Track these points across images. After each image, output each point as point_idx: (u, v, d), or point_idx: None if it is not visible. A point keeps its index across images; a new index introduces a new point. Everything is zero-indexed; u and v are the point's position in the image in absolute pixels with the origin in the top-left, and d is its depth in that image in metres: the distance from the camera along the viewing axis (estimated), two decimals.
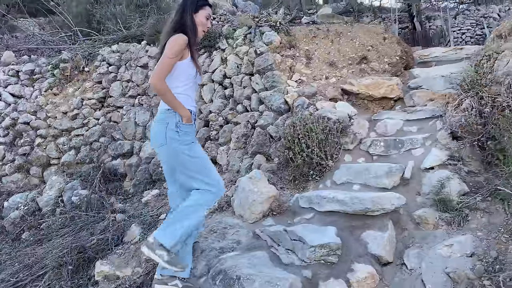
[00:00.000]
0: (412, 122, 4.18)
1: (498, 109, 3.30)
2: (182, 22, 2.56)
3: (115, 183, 6.00)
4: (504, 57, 3.62)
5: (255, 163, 4.39)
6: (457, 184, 3.17)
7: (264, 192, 3.65)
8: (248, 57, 5.39)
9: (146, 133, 6.05)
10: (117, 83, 6.58)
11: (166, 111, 2.54)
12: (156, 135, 2.56)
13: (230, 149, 4.93)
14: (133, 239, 4.12)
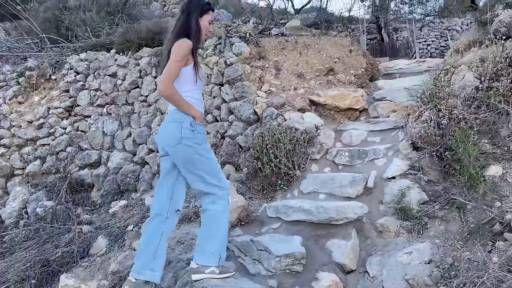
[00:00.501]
0: (376, 133, 4.33)
1: (454, 121, 3.46)
2: (187, 25, 2.59)
3: (82, 193, 5.88)
4: (460, 72, 3.81)
5: (225, 173, 4.41)
6: (417, 193, 3.30)
7: (233, 202, 3.66)
8: (218, 67, 5.44)
9: (115, 143, 5.98)
10: (85, 92, 6.47)
11: (178, 111, 2.58)
12: (170, 134, 2.58)
13: None
14: (99, 251, 4.05)
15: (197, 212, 3.94)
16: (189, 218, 3.97)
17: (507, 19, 3.75)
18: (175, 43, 2.51)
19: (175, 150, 2.58)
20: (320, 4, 13.76)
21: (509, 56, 3.65)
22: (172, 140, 2.56)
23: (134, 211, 4.65)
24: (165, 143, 2.64)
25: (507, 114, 3.43)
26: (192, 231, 3.64)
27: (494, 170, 3.14)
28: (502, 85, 3.49)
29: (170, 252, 3.38)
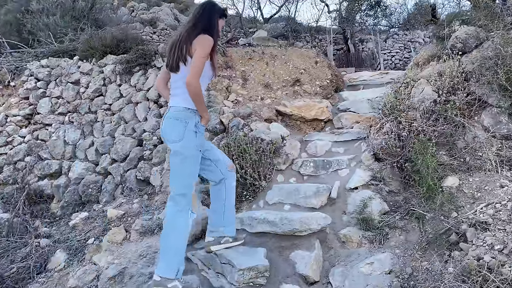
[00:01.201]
0: (340, 144, 4.40)
1: (414, 133, 3.56)
2: (210, 23, 2.75)
3: (41, 205, 5.65)
4: (420, 85, 3.94)
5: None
6: (379, 203, 3.36)
7: (197, 214, 3.63)
8: None
9: (77, 152, 5.80)
10: (45, 99, 6.26)
11: (186, 110, 2.70)
12: (173, 131, 2.70)
13: (164, 169, 4.85)
14: (57, 266, 3.88)
15: (160, 225, 3.86)
16: (152, 231, 3.89)
17: (463, 36, 3.91)
18: (199, 38, 2.63)
19: (174, 145, 2.72)
20: (288, 14, 13.94)
21: (465, 71, 3.80)
22: (175, 137, 2.70)
23: (95, 223, 4.50)
24: (168, 138, 2.75)
25: (463, 126, 3.56)
26: (155, 244, 3.56)
27: (451, 181, 3.24)
28: (459, 99, 3.63)
29: (132, 266, 3.31)
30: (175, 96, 2.78)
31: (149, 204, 4.52)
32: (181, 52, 2.65)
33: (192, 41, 2.63)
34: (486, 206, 2.83)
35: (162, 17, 12.69)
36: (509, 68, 3.38)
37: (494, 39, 3.74)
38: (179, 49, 2.66)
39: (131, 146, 5.34)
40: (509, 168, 3.16)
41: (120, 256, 3.56)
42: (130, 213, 4.45)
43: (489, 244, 2.44)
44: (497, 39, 3.69)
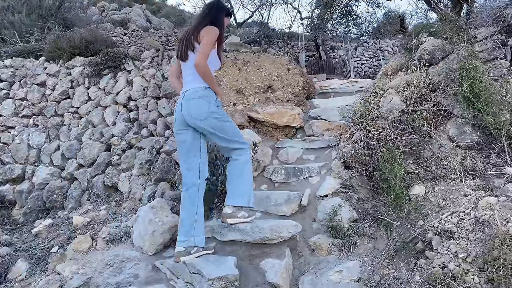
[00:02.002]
0: (311, 151, 4.43)
1: (382, 142, 3.63)
2: (218, 20, 3.09)
3: (2, 211, 5.41)
4: (388, 95, 4.03)
5: (159, 190, 4.28)
6: (348, 211, 3.40)
7: (166, 221, 3.56)
8: (155, 80, 5.31)
9: (41, 157, 5.59)
10: (9, 101, 6.01)
11: (204, 88, 3.00)
12: (200, 109, 2.95)
13: (132, 175, 4.74)
14: (18, 276, 3.71)
15: (128, 233, 3.77)
16: (119, 239, 3.79)
17: (430, 48, 4.04)
18: (206, 28, 2.95)
19: (204, 123, 2.97)
20: (261, 19, 14.02)
21: (431, 82, 3.92)
22: (200, 115, 2.94)
23: (60, 230, 4.34)
24: (192, 118, 2.97)
25: (429, 136, 3.66)
26: (122, 253, 3.46)
27: (418, 189, 3.32)
28: (426, 109, 3.73)
29: (97, 276, 3.20)
30: (188, 82, 3.07)
31: (116, 211, 4.41)
32: (189, 42, 2.99)
33: (199, 31, 2.96)
34: (451, 214, 2.91)
35: (133, 18, 12.48)
36: (473, 81, 3.50)
37: (459, 52, 3.88)
38: (187, 40, 3.01)
39: (99, 150, 5.20)
40: (472, 177, 3.27)
41: (85, 265, 3.44)
42: (96, 220, 4.32)
43: (454, 253, 2.50)
44: (462, 52, 3.82)
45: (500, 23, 3.93)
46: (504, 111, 3.39)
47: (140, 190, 4.52)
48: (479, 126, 3.55)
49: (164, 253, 3.42)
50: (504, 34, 3.92)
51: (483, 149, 3.52)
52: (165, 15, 16.09)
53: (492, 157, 3.40)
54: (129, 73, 5.64)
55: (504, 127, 3.34)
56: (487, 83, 3.52)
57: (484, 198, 2.85)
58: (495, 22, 3.98)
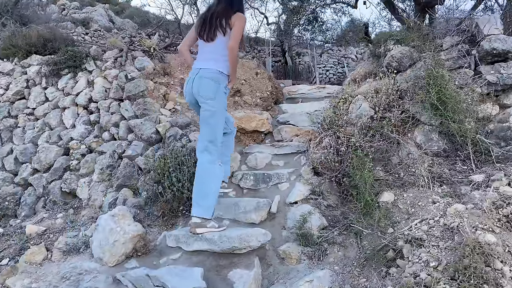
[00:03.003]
0: (280, 157, 4.35)
1: (352, 149, 3.60)
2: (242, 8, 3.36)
3: None
4: (357, 101, 4.02)
5: (121, 197, 4.06)
6: (318, 218, 3.34)
7: (128, 231, 3.37)
8: (118, 81, 5.07)
9: None
10: None
11: (220, 73, 3.21)
12: (208, 90, 3.17)
13: (92, 181, 4.48)
14: None
15: (87, 243, 3.54)
16: (77, 249, 3.55)
17: (398, 55, 4.07)
18: (238, 15, 3.17)
19: (206, 103, 3.19)
20: None
21: (399, 89, 3.95)
22: (207, 95, 3.18)
23: (11, 241, 4.01)
24: (198, 95, 3.22)
25: (398, 143, 3.67)
26: (80, 264, 3.23)
27: (387, 196, 3.31)
28: (394, 116, 3.74)
29: None
30: (208, 60, 3.24)
31: (75, 220, 4.14)
32: (220, 24, 3.16)
33: (230, 16, 3.15)
34: (420, 222, 2.90)
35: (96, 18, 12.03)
36: (440, 89, 3.55)
37: (426, 60, 3.92)
38: (218, 21, 3.16)
39: (56, 155, 4.89)
40: (440, 184, 3.29)
41: (39, 279, 3.20)
42: (52, 229, 4.04)
43: (425, 261, 2.47)
44: (428, 60, 3.87)
45: (464, 32, 4.01)
46: (470, 119, 3.45)
47: (101, 197, 4.28)
48: (446, 133, 3.59)
49: (126, 265, 3.23)
50: (468, 44, 4.00)
51: (449, 156, 3.56)
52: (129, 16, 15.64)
53: (459, 164, 3.45)
54: (90, 73, 5.37)
55: (470, 135, 3.40)
56: (453, 91, 3.58)
57: (453, 206, 2.86)
58: (459, 32, 4.06)
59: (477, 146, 3.41)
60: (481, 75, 3.74)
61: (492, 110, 3.64)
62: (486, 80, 3.65)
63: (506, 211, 2.65)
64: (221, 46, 3.19)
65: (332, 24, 11.73)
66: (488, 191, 2.91)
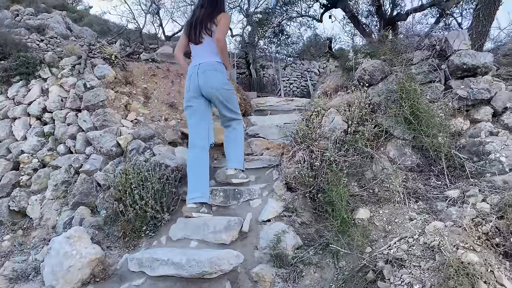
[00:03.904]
0: (251, 171, 4.16)
1: (326, 163, 3.47)
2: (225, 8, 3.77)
3: None
4: (330, 114, 3.92)
5: (77, 216, 3.71)
6: (292, 237, 3.17)
7: (85, 254, 3.05)
8: (75, 90, 4.73)
9: None
10: None
11: (219, 63, 3.62)
12: (218, 80, 3.58)
13: (45, 198, 4.09)
14: None
15: (38, 268, 3.19)
16: (26, 276, 3.21)
17: (370, 68, 4.02)
18: (223, 14, 3.59)
19: (218, 92, 3.60)
20: None
21: (372, 102, 3.89)
22: (217, 85, 3.58)
23: None
24: (209, 87, 3.56)
25: (371, 157, 3.58)
26: None
27: (363, 213, 3.19)
28: (367, 130, 3.66)
29: None
30: (202, 56, 3.61)
31: (24, 242, 3.75)
32: (206, 28, 3.55)
33: (215, 17, 3.54)
34: (399, 240, 2.79)
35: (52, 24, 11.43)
36: (413, 103, 3.51)
37: (397, 74, 3.89)
38: (203, 26, 3.56)
39: (4, 169, 4.45)
40: (415, 200, 3.21)
41: None
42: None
43: (408, 283, 2.36)
44: (400, 73, 3.84)
45: (434, 47, 4.03)
46: (443, 133, 3.42)
47: (54, 216, 3.90)
48: (419, 148, 3.55)
49: None
50: (438, 58, 4.02)
51: (423, 171, 3.51)
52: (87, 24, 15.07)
53: (433, 180, 3.40)
54: (44, 81, 4.98)
55: (443, 150, 3.36)
56: (426, 105, 3.55)
57: (431, 223, 2.78)
58: (429, 46, 4.07)
59: (451, 161, 3.38)
60: (451, 90, 3.75)
61: (463, 124, 3.63)
62: (457, 95, 3.65)
63: (485, 228, 2.58)
64: (209, 46, 3.58)
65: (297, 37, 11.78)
66: (465, 207, 2.85)
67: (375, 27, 8.88)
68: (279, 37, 10.98)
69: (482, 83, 3.71)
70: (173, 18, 10.35)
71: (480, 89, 3.64)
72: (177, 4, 10.25)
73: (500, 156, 3.18)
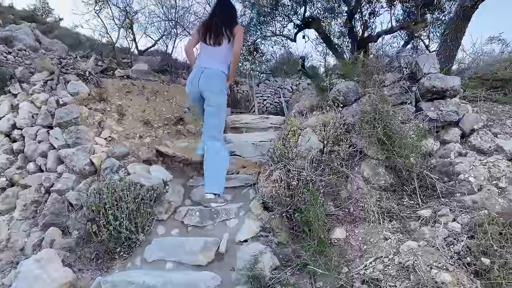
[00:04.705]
0: (227, 190, 4.14)
1: (303, 183, 3.50)
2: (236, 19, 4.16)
3: None
4: (306, 134, 3.98)
5: (47, 238, 3.58)
6: (270, 257, 3.15)
7: (56, 277, 2.96)
8: (47, 106, 4.61)
9: None
10: None
11: (223, 73, 3.94)
12: (217, 85, 3.89)
13: (13, 219, 3.94)
14: None
15: None
16: None
17: (344, 89, 4.12)
18: (239, 27, 3.97)
19: (215, 96, 3.89)
20: (166, 49, 13.57)
21: (346, 123, 3.98)
22: (215, 90, 3.89)
23: None
24: (208, 91, 3.87)
25: (346, 177, 3.65)
26: None
27: (339, 233, 3.23)
28: (342, 149, 3.74)
29: None
30: (211, 62, 3.91)
31: None
32: (226, 33, 3.88)
33: (233, 27, 3.90)
34: (375, 260, 2.84)
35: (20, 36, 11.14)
36: (386, 124, 3.61)
37: (371, 95, 4.01)
38: (224, 30, 3.88)
39: None
40: (389, 219, 3.29)
41: None
42: None
43: None
44: (373, 95, 3.96)
45: (405, 69, 4.18)
46: (414, 154, 3.53)
47: (23, 238, 3.75)
48: (392, 168, 3.65)
49: None
50: (408, 80, 4.17)
51: (396, 190, 3.60)
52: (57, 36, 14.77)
53: (406, 199, 3.49)
54: (14, 97, 4.84)
55: (415, 170, 3.47)
56: (398, 126, 3.66)
57: (405, 243, 2.85)
58: (401, 69, 4.22)
59: (422, 181, 3.49)
60: (422, 111, 3.89)
61: (434, 145, 3.77)
62: (428, 116, 3.79)
63: (457, 248, 2.67)
64: (225, 50, 3.91)
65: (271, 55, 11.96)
66: (437, 227, 2.94)
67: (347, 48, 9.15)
68: (254, 55, 11.12)
69: (451, 105, 3.87)
70: (147, 33, 10.34)
71: (449, 111, 3.80)
72: (151, 19, 10.27)
73: (469, 177, 3.31)
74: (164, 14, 10.09)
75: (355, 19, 7.84)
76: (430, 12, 7.45)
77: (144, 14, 10.16)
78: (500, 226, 2.61)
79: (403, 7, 7.69)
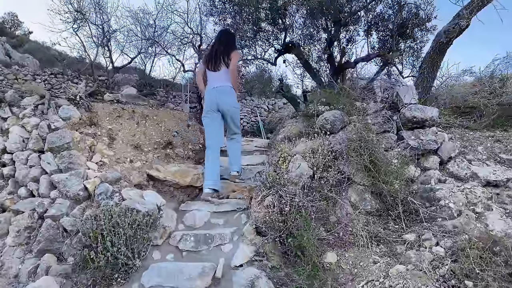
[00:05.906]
0: (219, 214, 4.27)
1: (295, 208, 3.68)
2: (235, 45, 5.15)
3: None
4: (296, 160, 4.18)
5: (43, 264, 3.59)
6: (265, 282, 3.28)
7: None
8: (38, 131, 4.64)
9: None
10: None
11: (231, 88, 4.82)
12: (232, 100, 4.83)
13: (6, 245, 3.92)
14: None
15: None
16: None
17: (331, 118, 4.36)
18: (236, 51, 4.83)
19: (232, 110, 4.85)
20: (144, 67, 13.60)
21: (333, 150, 4.20)
22: (233, 104, 4.83)
23: None
24: (227, 105, 4.79)
25: (335, 202, 3.85)
26: None
27: (331, 257, 3.41)
28: (331, 176, 3.95)
29: None
30: (219, 81, 4.80)
31: None
32: (224, 60, 4.77)
33: (230, 53, 4.77)
34: (366, 284, 3.02)
35: None
36: (371, 151, 3.86)
37: (356, 124, 4.26)
38: (222, 58, 4.78)
39: None
40: (377, 243, 3.50)
41: None
42: None
43: None
44: (358, 124, 4.21)
45: (387, 99, 4.48)
46: (398, 180, 3.78)
47: (17, 265, 3.74)
48: (378, 193, 3.88)
49: None
50: (390, 110, 4.46)
51: (381, 215, 3.83)
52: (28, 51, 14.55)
53: (391, 224, 3.72)
54: (4, 121, 4.84)
55: (400, 196, 3.71)
56: (382, 154, 3.91)
57: (394, 266, 3.06)
58: (384, 98, 4.51)
59: (406, 206, 3.73)
60: (403, 140, 4.17)
61: (415, 172, 4.03)
62: (409, 145, 4.07)
63: (442, 271, 2.89)
64: (223, 74, 4.80)
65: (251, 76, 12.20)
66: (422, 251, 3.17)
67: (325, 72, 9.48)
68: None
69: (430, 134, 4.16)
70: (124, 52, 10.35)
71: (429, 140, 4.09)
72: (130, 38, 10.38)
73: (449, 203, 3.58)
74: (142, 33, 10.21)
75: (333, 45, 8.17)
76: (404, 40, 7.88)
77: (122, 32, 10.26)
78: (480, 250, 2.86)
79: (379, 35, 8.11)
